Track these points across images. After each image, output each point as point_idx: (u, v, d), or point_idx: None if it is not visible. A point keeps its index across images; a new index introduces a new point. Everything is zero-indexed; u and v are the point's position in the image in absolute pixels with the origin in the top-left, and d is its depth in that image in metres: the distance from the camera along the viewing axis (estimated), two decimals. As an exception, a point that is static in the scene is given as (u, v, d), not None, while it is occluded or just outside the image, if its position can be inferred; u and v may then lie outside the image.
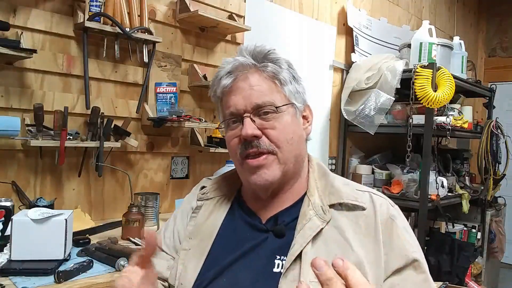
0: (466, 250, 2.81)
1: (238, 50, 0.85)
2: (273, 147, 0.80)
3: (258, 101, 0.80)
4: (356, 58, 3.00)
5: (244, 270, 0.78)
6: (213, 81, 0.86)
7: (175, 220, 0.95)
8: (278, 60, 0.83)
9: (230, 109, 0.82)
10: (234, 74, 0.82)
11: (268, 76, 0.82)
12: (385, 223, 0.78)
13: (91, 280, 1.22)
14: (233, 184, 0.93)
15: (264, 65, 0.82)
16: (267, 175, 0.80)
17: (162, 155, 2.08)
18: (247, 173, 0.82)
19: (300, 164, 0.86)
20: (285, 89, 0.83)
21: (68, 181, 1.75)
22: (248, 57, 0.82)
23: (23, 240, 1.22)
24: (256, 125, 0.80)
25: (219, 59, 2.27)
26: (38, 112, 1.53)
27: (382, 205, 0.80)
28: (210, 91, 0.87)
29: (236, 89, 0.81)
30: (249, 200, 0.89)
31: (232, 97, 0.81)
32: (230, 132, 0.84)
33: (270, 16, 2.52)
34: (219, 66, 0.86)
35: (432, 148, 2.63)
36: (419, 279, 0.74)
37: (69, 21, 1.71)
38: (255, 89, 0.80)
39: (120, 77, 1.89)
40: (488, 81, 4.50)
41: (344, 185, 0.84)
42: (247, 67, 0.82)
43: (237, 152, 0.82)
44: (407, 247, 0.76)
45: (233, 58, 0.84)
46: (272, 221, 0.83)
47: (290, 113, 0.83)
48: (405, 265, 0.74)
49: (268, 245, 0.80)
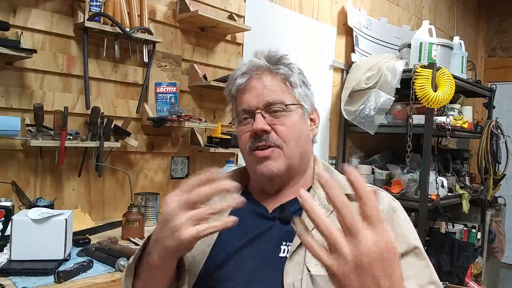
0: (466, 250, 2.81)
1: (254, 53, 0.91)
2: (280, 142, 0.85)
3: (270, 99, 0.85)
4: (356, 58, 3.00)
5: (251, 255, 0.81)
6: (229, 81, 0.91)
7: None
8: (290, 64, 0.90)
9: (243, 105, 0.87)
10: (248, 74, 0.87)
11: (280, 78, 0.88)
12: (387, 214, 0.82)
13: (91, 280, 1.22)
14: (241, 181, 0.96)
15: (277, 67, 0.88)
16: (272, 166, 0.84)
17: (162, 155, 2.08)
18: (254, 164, 0.87)
19: (306, 162, 0.91)
20: (295, 91, 0.89)
21: (68, 181, 1.75)
22: (262, 59, 0.88)
23: (23, 240, 1.22)
24: (266, 121, 0.85)
25: (219, 59, 2.27)
26: (38, 112, 1.53)
27: (384, 198, 0.85)
28: (225, 90, 0.93)
29: (250, 87, 0.87)
30: (256, 194, 0.93)
31: (246, 95, 0.87)
32: (242, 127, 0.89)
33: (270, 16, 2.52)
34: (235, 68, 0.91)
35: (432, 148, 2.63)
36: (420, 265, 0.77)
37: (69, 21, 1.71)
38: (267, 88, 0.86)
39: (120, 77, 1.89)
40: (488, 81, 4.50)
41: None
42: (261, 68, 0.87)
43: (247, 145, 0.87)
44: (408, 235, 0.80)
45: (249, 60, 0.90)
46: (278, 210, 0.87)
47: (298, 113, 0.88)
48: (407, 251, 0.77)
49: (274, 232, 0.83)
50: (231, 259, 0.82)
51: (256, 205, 0.90)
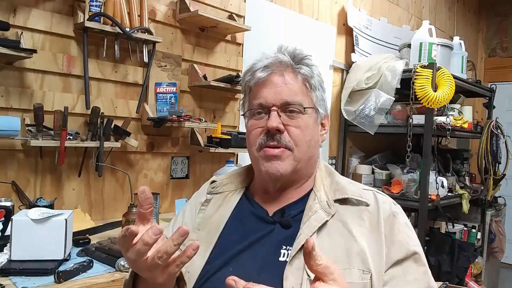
0: (466, 250, 2.81)
1: (278, 48, 0.89)
2: (291, 144, 0.84)
3: (288, 99, 0.84)
4: (356, 58, 3.00)
5: (251, 259, 0.80)
6: (248, 71, 0.89)
7: (184, 214, 0.97)
8: (312, 66, 0.89)
9: (260, 100, 0.85)
10: (270, 69, 0.86)
11: (301, 78, 0.86)
12: (387, 219, 0.82)
13: (91, 280, 1.22)
14: (243, 180, 0.96)
15: (300, 66, 0.87)
16: (280, 166, 0.83)
17: (162, 155, 2.08)
18: (261, 161, 0.85)
19: (312, 167, 0.91)
20: (312, 94, 0.88)
21: (68, 181, 1.75)
22: (287, 56, 0.87)
23: (23, 240, 1.22)
24: (281, 120, 0.84)
25: (219, 59, 2.27)
26: (38, 112, 1.53)
27: (385, 203, 0.85)
28: (242, 79, 0.92)
29: (270, 82, 0.85)
30: (257, 194, 0.92)
31: (264, 90, 0.85)
32: (253, 122, 0.87)
33: (270, 16, 2.52)
34: (256, 59, 0.89)
35: (432, 148, 2.63)
36: (419, 271, 0.78)
37: (69, 21, 1.71)
38: (288, 86, 0.84)
39: (120, 77, 1.89)
40: (488, 81, 4.50)
41: (349, 184, 0.89)
42: (284, 64, 0.86)
43: (256, 141, 0.86)
44: (408, 241, 0.80)
45: (272, 54, 0.88)
46: (279, 214, 0.86)
47: (313, 117, 0.88)
48: (406, 257, 0.78)
49: (274, 235, 0.83)
50: (231, 262, 0.81)
51: (256, 208, 0.89)
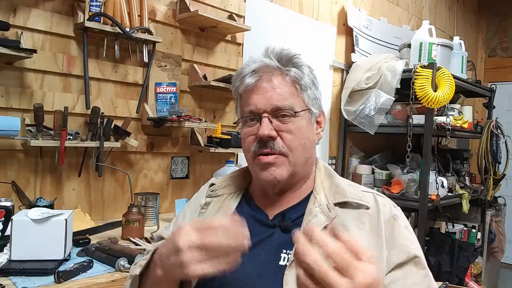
0: (466, 250, 2.81)
1: (264, 50, 0.87)
2: (285, 150, 0.83)
3: (278, 104, 0.83)
4: (356, 58, 3.00)
5: (251, 263, 0.79)
6: (236, 77, 0.88)
7: (184, 216, 0.97)
8: (301, 66, 0.87)
9: (250, 107, 0.84)
10: (258, 74, 0.84)
11: (290, 80, 0.85)
12: (387, 222, 0.81)
13: (91, 280, 1.21)
14: (242, 183, 0.96)
15: (288, 69, 0.85)
16: (276, 172, 0.83)
17: (162, 155, 2.08)
18: (257, 169, 0.85)
19: (310, 167, 0.90)
20: (304, 95, 0.86)
21: (68, 181, 1.75)
22: (273, 60, 0.85)
23: (23, 240, 1.22)
24: (273, 126, 0.83)
25: (219, 59, 2.27)
26: (38, 112, 1.53)
27: (385, 205, 0.84)
28: (232, 86, 0.90)
29: (259, 88, 0.84)
30: (257, 197, 0.92)
31: (254, 96, 0.84)
32: (247, 129, 0.87)
33: (270, 16, 2.52)
34: (244, 63, 0.88)
35: (432, 148, 2.63)
36: (419, 274, 0.78)
37: (69, 21, 1.71)
38: (277, 91, 0.83)
39: (120, 77, 1.89)
40: (488, 81, 4.50)
41: (349, 186, 0.88)
42: (271, 68, 0.84)
43: (251, 148, 0.85)
44: (408, 244, 0.79)
45: (259, 58, 0.86)
46: (279, 217, 0.86)
47: (306, 118, 0.86)
48: (406, 260, 0.77)
49: (274, 239, 0.83)
50: None
51: (256, 211, 0.89)
